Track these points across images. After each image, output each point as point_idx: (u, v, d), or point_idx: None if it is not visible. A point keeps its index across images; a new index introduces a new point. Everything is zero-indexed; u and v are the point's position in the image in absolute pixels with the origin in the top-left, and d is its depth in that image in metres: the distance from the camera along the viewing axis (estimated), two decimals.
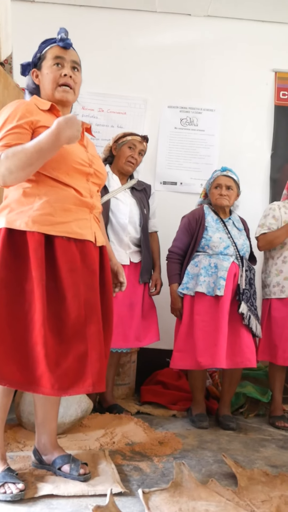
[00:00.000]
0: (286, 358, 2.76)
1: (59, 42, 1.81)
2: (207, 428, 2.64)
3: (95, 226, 1.83)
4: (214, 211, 2.88)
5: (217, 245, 2.73)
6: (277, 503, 1.63)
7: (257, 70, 3.85)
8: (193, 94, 3.80)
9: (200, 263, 2.74)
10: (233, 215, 2.93)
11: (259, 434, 2.63)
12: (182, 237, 2.85)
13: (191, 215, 2.88)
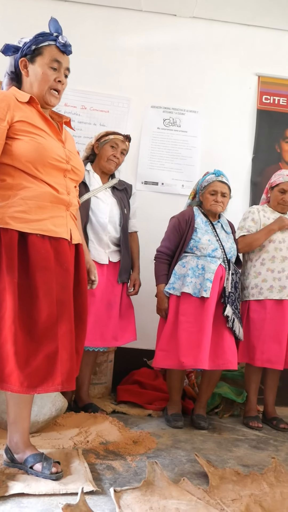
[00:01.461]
0: (264, 359, 2.79)
1: (60, 46, 1.80)
2: (182, 428, 2.66)
3: (71, 223, 1.82)
4: (204, 213, 2.90)
5: (205, 247, 2.75)
6: (246, 502, 1.65)
7: (241, 73, 3.88)
8: (176, 95, 3.81)
9: (188, 264, 2.75)
10: (222, 218, 2.95)
11: (233, 434, 2.66)
12: (171, 237, 2.85)
13: (181, 216, 2.88)
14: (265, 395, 3.03)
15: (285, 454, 2.37)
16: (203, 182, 2.89)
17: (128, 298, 2.89)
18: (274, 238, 2.94)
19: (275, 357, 2.77)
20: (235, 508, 1.61)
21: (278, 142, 3.85)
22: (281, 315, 2.83)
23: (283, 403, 3.42)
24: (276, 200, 3.03)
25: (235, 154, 3.80)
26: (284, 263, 2.89)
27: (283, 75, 3.89)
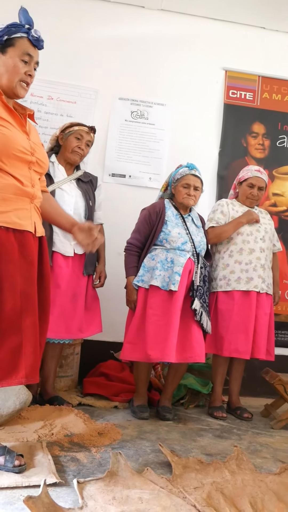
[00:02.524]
0: (232, 350, 2.84)
1: (33, 40, 1.79)
2: (147, 419, 2.68)
3: (35, 216, 1.80)
4: (175, 206, 2.90)
5: (175, 240, 2.76)
6: (208, 490, 1.68)
7: (208, 67, 3.91)
8: (144, 88, 3.80)
9: (157, 256, 2.75)
10: (192, 212, 2.96)
11: (198, 424, 2.69)
12: (142, 229, 2.84)
13: (152, 208, 2.88)
14: (230, 385, 3.08)
15: (248, 443, 2.42)
16: (176, 175, 2.89)
17: (93, 290, 2.88)
18: (242, 231, 2.99)
19: (242, 347, 2.82)
20: (197, 496, 1.63)
21: (245, 136, 3.89)
22: (248, 306, 2.88)
23: (247, 393, 3.50)
24: (244, 194, 3.07)
25: (202, 148, 3.83)
26: (251, 255, 2.94)
27: (249, 70, 3.94)
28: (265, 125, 3.91)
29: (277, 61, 3.98)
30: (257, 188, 3.04)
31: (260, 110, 3.92)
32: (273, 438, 2.56)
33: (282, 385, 2.79)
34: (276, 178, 3.90)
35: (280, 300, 3.75)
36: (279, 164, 3.91)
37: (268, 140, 3.92)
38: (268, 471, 1.98)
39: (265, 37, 4.00)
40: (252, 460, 2.11)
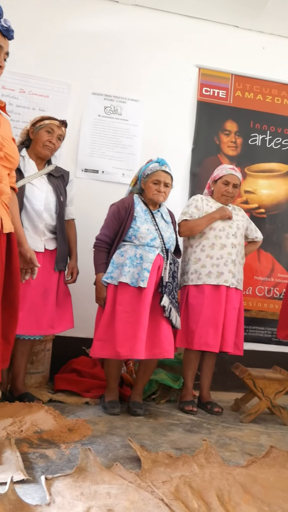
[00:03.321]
0: (202, 343, 2.86)
1: (3, 30, 1.76)
2: (118, 415, 2.68)
3: (2, 212, 1.78)
4: (144, 202, 2.90)
5: (144, 236, 2.76)
6: (176, 483, 1.70)
7: (182, 65, 3.92)
8: (118, 83, 3.79)
9: (126, 253, 2.74)
10: (162, 207, 2.96)
11: (168, 419, 2.71)
12: (111, 225, 2.83)
13: (121, 203, 2.87)
14: (201, 380, 3.11)
15: (217, 437, 2.45)
16: (146, 170, 2.88)
17: (65, 286, 2.86)
18: (214, 226, 3.02)
19: (212, 340, 2.85)
20: (165, 489, 1.65)
21: (217, 134, 3.92)
22: (218, 300, 2.91)
23: (218, 388, 3.54)
24: (220, 192, 3.11)
25: (176, 144, 3.84)
26: (222, 250, 2.97)
27: (223, 68, 3.96)
28: (238, 123, 3.95)
29: (250, 60, 4.02)
30: (232, 186, 3.07)
31: (232, 108, 3.95)
32: (242, 431, 2.60)
33: (251, 379, 2.83)
34: (248, 175, 3.94)
35: (251, 296, 3.82)
36: (251, 162, 3.96)
37: (241, 138, 3.96)
38: (236, 464, 2.01)
39: (238, 36, 4.03)
40: (220, 453, 2.14)
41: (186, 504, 1.55)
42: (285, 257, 3.94)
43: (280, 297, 3.86)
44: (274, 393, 2.84)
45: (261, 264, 3.89)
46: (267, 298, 3.89)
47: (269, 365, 3.23)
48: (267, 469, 1.94)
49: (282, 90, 4.05)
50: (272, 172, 3.98)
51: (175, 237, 2.93)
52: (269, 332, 3.86)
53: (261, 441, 2.44)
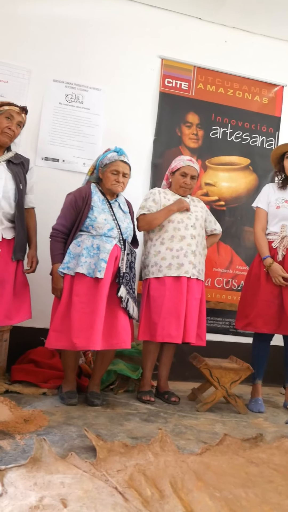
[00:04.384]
0: (165, 335, 2.87)
1: None
2: (76, 405, 2.68)
3: None
4: (101, 191, 2.88)
5: (101, 226, 2.74)
6: (131, 472, 1.71)
7: (145, 55, 3.90)
8: (80, 71, 3.73)
9: (83, 243, 2.72)
10: (119, 197, 2.95)
11: (126, 409, 2.73)
12: (67, 214, 2.79)
13: (78, 193, 2.83)
14: (159, 370, 3.14)
15: (173, 425, 2.48)
16: (104, 159, 2.86)
17: (23, 276, 2.82)
18: (173, 219, 3.03)
19: (174, 331, 2.87)
20: (119, 478, 1.66)
21: (179, 125, 3.94)
22: (179, 291, 2.93)
23: (177, 378, 3.59)
24: (178, 183, 3.12)
25: (137, 135, 3.83)
26: (182, 242, 2.99)
27: (185, 60, 3.97)
28: (199, 116, 3.98)
29: (212, 53, 4.04)
30: (190, 177, 3.09)
31: (194, 100, 3.97)
32: (198, 420, 2.64)
33: (208, 369, 2.88)
34: (209, 168, 3.98)
35: (210, 287, 3.87)
36: (212, 154, 3.99)
37: (202, 130, 3.98)
38: (191, 452, 2.05)
39: (201, 28, 4.04)
40: (176, 442, 2.17)
41: (139, 492, 1.57)
42: (243, 249, 4.01)
43: (238, 288, 3.94)
44: (230, 383, 2.90)
45: (220, 256, 3.95)
46: (225, 289, 3.95)
47: (227, 355, 3.30)
48: (220, 456, 1.98)
49: (244, 84, 4.10)
50: (232, 165, 4.04)
51: (133, 228, 2.93)
52: (227, 323, 3.94)
53: (216, 429, 2.49)
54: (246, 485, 1.71)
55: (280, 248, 3.04)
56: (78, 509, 1.42)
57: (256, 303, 3.04)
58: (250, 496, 1.61)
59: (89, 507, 1.43)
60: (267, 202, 3.19)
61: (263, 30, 4.13)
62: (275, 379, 3.59)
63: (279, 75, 4.19)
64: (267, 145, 4.11)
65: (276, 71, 4.19)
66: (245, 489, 1.66)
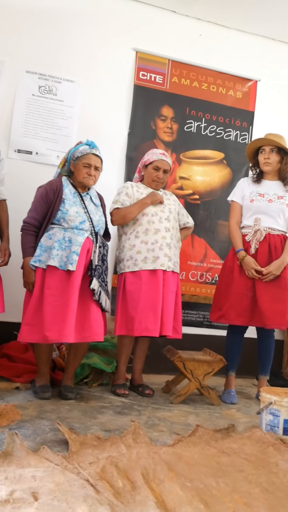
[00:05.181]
0: (143, 329, 2.87)
1: None
2: (49, 399, 2.66)
3: None
4: (73, 184, 2.86)
5: (73, 219, 2.72)
6: (103, 464, 1.71)
7: (119, 47, 3.87)
8: (53, 62, 3.69)
9: (54, 236, 2.70)
10: (91, 190, 2.93)
11: (100, 402, 2.73)
12: (38, 207, 2.76)
13: (49, 186, 2.80)
14: (134, 363, 3.15)
15: (147, 418, 2.50)
16: (75, 152, 2.84)
17: None
18: (147, 212, 3.03)
19: (151, 325, 2.87)
20: (91, 470, 1.66)
21: (154, 119, 3.93)
22: (155, 284, 2.94)
23: (151, 370, 3.61)
24: (150, 177, 3.12)
25: (112, 128, 3.81)
26: (157, 235, 2.99)
27: (160, 53, 3.96)
28: (174, 109, 3.98)
29: (187, 46, 4.04)
30: (162, 171, 3.10)
31: (169, 93, 3.97)
32: (171, 412, 2.66)
33: (181, 361, 2.90)
34: (183, 162, 3.99)
35: (184, 280, 3.90)
36: (186, 148, 4.01)
37: (176, 124, 3.99)
38: (164, 443, 2.06)
39: (175, 21, 4.03)
40: (149, 433, 2.19)
41: (111, 483, 1.57)
42: (217, 243, 4.04)
43: (212, 282, 3.97)
44: (203, 375, 2.92)
45: (195, 249, 3.98)
46: (199, 282, 3.98)
47: (201, 348, 3.33)
48: (193, 447, 2.00)
49: (218, 78, 4.12)
50: (206, 159, 4.06)
51: (105, 221, 2.92)
52: (201, 316, 3.97)
53: (189, 421, 2.51)
54: (217, 474, 1.73)
55: (253, 242, 3.07)
56: (49, 502, 1.41)
57: (229, 296, 3.07)
58: (221, 485, 1.63)
59: (60, 499, 1.43)
60: (241, 196, 3.22)
61: (238, 25, 4.15)
62: (249, 370, 3.65)
63: (253, 70, 4.22)
64: (241, 140, 4.15)
65: (250, 66, 4.22)
66: (216, 479, 1.68)
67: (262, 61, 4.27)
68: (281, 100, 4.30)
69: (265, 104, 4.25)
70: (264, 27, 4.15)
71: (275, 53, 4.31)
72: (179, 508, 1.45)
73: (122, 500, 1.47)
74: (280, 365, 4.13)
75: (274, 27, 4.14)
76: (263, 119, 4.20)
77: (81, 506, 1.40)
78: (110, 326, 3.20)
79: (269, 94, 4.27)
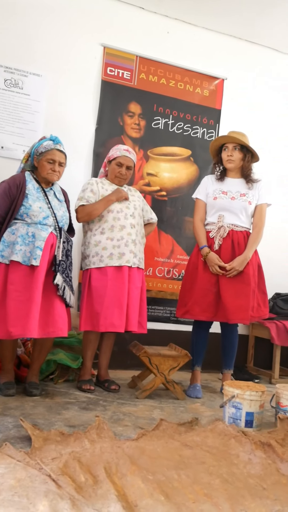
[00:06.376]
0: (108, 324, 2.88)
1: None
2: (13, 396, 2.65)
3: None
4: (36, 179, 2.83)
5: (36, 214, 2.70)
6: (65, 459, 1.71)
7: (87, 42, 3.84)
8: (19, 55, 3.63)
9: (18, 231, 2.68)
10: (54, 185, 2.92)
11: (65, 398, 2.73)
12: (1, 202, 2.72)
13: (12, 181, 2.77)
14: (99, 359, 3.16)
15: (112, 413, 2.51)
16: (39, 147, 2.82)
17: None
18: (112, 209, 3.03)
19: (117, 321, 2.89)
20: (54, 466, 1.66)
21: (121, 115, 3.93)
22: (121, 281, 2.95)
23: (118, 366, 3.62)
24: (113, 173, 3.12)
25: (79, 123, 3.79)
26: (122, 231, 3.00)
27: (128, 49, 3.95)
28: (141, 106, 3.98)
29: (154, 43, 4.05)
30: (125, 168, 3.10)
31: (137, 90, 3.97)
32: (137, 407, 2.68)
33: (147, 357, 2.92)
34: (151, 158, 4.01)
35: (151, 276, 3.92)
36: (154, 145, 4.02)
37: (144, 120, 4.00)
38: (128, 438, 2.08)
39: (143, 18, 4.03)
40: (113, 428, 2.20)
41: (73, 478, 1.58)
42: (184, 239, 4.08)
43: (179, 277, 4.01)
44: (169, 369, 2.95)
45: (162, 245, 4.00)
46: (166, 278, 4.01)
47: (167, 343, 3.36)
48: (156, 441, 2.02)
49: (185, 76, 4.14)
50: (173, 156, 4.08)
51: (69, 216, 2.91)
52: (168, 311, 4.00)
53: (153, 415, 2.54)
54: (179, 467, 1.76)
55: (216, 238, 3.12)
56: (10, 498, 1.41)
57: (194, 292, 3.11)
58: (182, 478, 1.66)
59: (21, 495, 1.43)
60: (205, 193, 3.26)
61: (205, 23, 4.17)
62: (215, 365, 3.70)
63: (220, 68, 4.27)
64: (208, 137, 4.19)
65: (217, 65, 4.26)
66: (178, 471, 1.71)
67: (229, 60, 4.32)
68: (247, 99, 4.36)
69: (232, 102, 4.30)
70: (231, 26, 4.19)
71: (242, 52, 4.36)
72: (140, 500, 1.47)
73: (84, 494, 1.48)
74: (245, 360, 4.21)
75: (240, 27, 4.19)
76: (230, 117, 4.25)
77: (42, 501, 1.40)
78: (75, 321, 3.20)
79: (236, 93, 4.32)
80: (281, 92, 4.51)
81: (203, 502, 1.49)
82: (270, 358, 4.01)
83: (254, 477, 1.73)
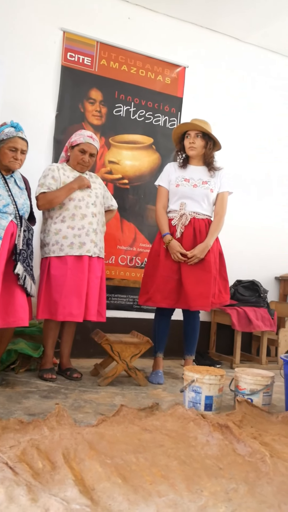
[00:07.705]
0: (66, 313, 2.87)
1: None
2: None
3: None
4: None
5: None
6: (24, 447, 1.70)
7: (46, 26, 3.76)
8: None
9: None
10: (15, 173, 2.86)
11: (26, 387, 2.70)
12: None
13: None
14: (61, 347, 3.14)
15: (73, 400, 2.51)
16: (0, 134, 2.76)
17: None
18: (74, 197, 3.00)
19: (75, 310, 2.88)
20: (11, 454, 1.64)
21: (82, 101, 3.88)
22: (81, 270, 2.94)
23: (81, 354, 3.62)
24: (76, 159, 3.08)
25: (39, 109, 3.72)
26: (83, 220, 2.98)
27: (88, 34, 3.89)
28: (103, 92, 3.94)
29: (116, 29, 4.00)
30: (89, 155, 3.07)
31: (97, 76, 3.92)
32: (98, 394, 2.69)
33: (109, 344, 2.93)
34: (112, 146, 3.98)
35: (114, 265, 3.92)
36: (115, 132, 3.99)
37: (105, 107, 3.96)
38: (88, 424, 2.08)
39: (104, 3, 3.97)
40: (74, 415, 2.20)
41: (30, 465, 1.57)
42: (147, 227, 4.09)
43: (141, 265, 4.02)
44: (130, 356, 2.97)
45: (124, 234, 4.00)
46: (129, 267, 4.02)
47: (130, 331, 3.37)
48: (116, 426, 2.03)
49: (147, 63, 4.12)
50: (135, 144, 4.07)
51: (30, 204, 2.87)
52: (131, 299, 4.01)
53: (115, 402, 2.55)
54: (138, 450, 1.77)
55: (178, 226, 3.14)
56: None
57: (155, 279, 3.13)
58: (140, 461, 1.68)
59: None
60: (168, 180, 3.27)
61: (166, 9, 4.16)
62: (177, 352, 3.74)
63: (181, 56, 4.26)
64: (170, 125, 4.19)
65: (178, 52, 4.25)
66: (136, 455, 1.72)
67: (190, 48, 4.32)
68: (209, 87, 4.39)
69: (193, 90, 4.31)
70: (192, 14, 4.19)
71: (203, 40, 4.38)
72: (97, 484, 1.48)
73: (41, 480, 1.47)
74: (207, 346, 4.28)
75: (201, 14, 4.19)
76: (191, 105, 4.27)
77: None
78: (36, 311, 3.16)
79: (197, 81, 4.33)
80: (243, 80, 4.55)
81: (160, 483, 1.51)
82: (231, 344, 4.09)
83: (211, 457, 1.77)
